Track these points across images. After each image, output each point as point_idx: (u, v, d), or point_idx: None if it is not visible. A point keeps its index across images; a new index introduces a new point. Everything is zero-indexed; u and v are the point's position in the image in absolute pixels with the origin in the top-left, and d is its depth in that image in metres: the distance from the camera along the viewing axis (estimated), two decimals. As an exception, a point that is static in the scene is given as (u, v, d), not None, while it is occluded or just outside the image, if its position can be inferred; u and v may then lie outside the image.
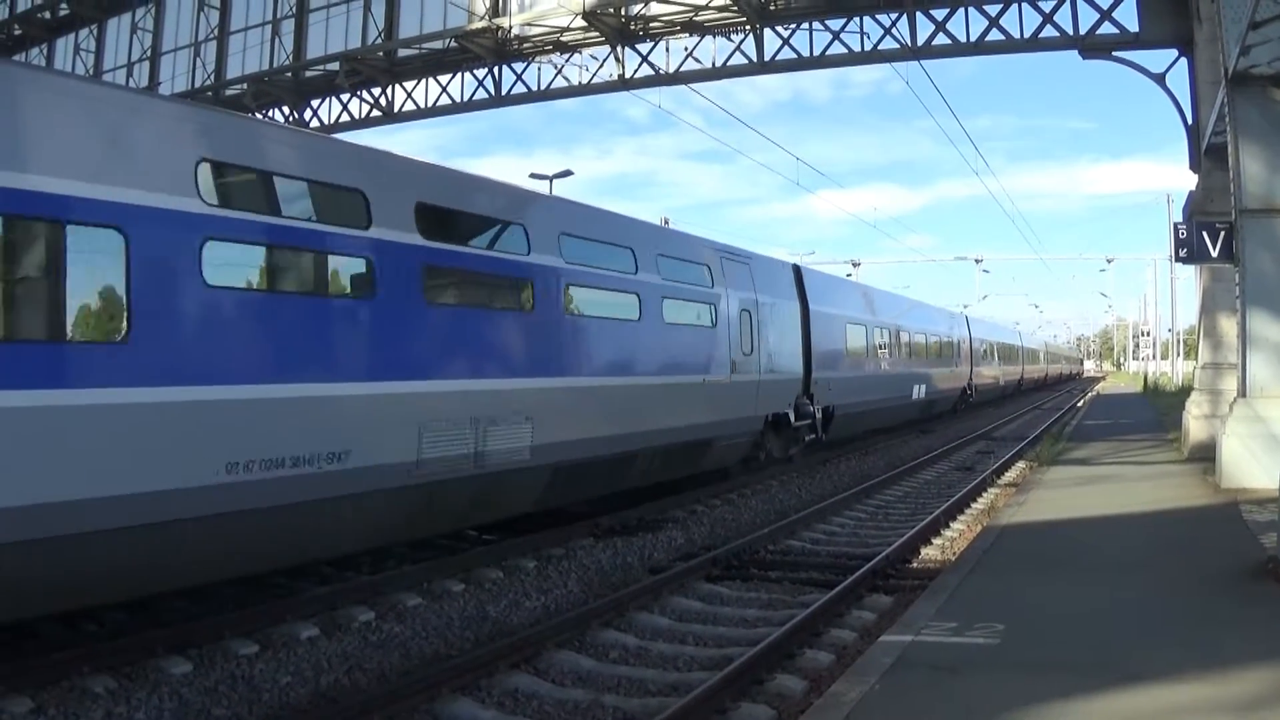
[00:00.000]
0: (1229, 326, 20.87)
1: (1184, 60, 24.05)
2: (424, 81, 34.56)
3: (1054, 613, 9.52)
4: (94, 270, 9.00)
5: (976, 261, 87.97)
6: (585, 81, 31.80)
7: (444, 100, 34.41)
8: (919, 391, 37.73)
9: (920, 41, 27.64)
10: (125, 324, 9.02)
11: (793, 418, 24.02)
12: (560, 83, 32.36)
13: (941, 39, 27.58)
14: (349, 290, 11.84)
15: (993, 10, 26.88)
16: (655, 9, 29.26)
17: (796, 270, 26.36)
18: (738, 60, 29.83)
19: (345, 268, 11.84)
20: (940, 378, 41.61)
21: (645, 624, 11.44)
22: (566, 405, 15.25)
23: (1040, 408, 60.03)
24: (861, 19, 28.26)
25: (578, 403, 15.62)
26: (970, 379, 48.86)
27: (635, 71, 30.94)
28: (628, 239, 17.81)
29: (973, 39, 27.33)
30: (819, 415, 25.66)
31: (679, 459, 19.15)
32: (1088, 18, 25.85)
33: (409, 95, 34.97)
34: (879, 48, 28.13)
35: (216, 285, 9.97)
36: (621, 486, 17.77)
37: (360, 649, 10.30)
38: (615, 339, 16.99)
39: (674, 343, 18.70)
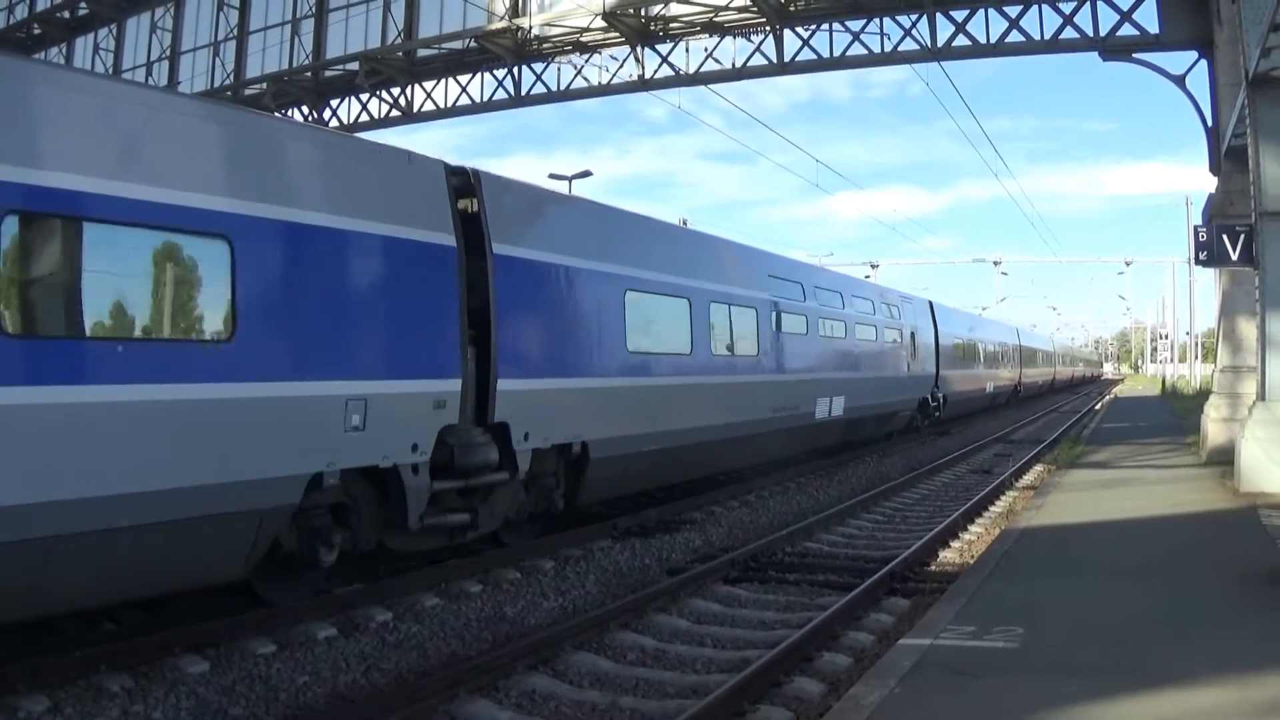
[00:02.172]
0: (1248, 330, 20.79)
1: (1204, 62, 23.92)
2: (443, 81, 34.61)
3: (1073, 616, 9.48)
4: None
5: (995, 263, 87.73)
6: (605, 82, 31.81)
7: (464, 100, 34.45)
8: (991, 387, 50.67)
9: (940, 43, 27.58)
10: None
11: (930, 401, 36.58)
12: (580, 83, 32.38)
13: (961, 40, 27.51)
14: (795, 331, 23.85)
15: (1013, 11, 26.78)
16: (675, 9, 29.26)
17: (930, 304, 38.84)
18: (757, 61, 29.82)
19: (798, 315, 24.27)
20: (1003, 377, 54.74)
21: (663, 625, 11.44)
22: (856, 388, 27.49)
23: (1059, 410, 59.91)
24: (881, 20, 28.21)
25: (859, 387, 27.94)
26: (1019, 379, 61.02)
27: (655, 72, 30.93)
28: (874, 295, 31.87)
29: (993, 40, 27.23)
30: (943, 400, 38.13)
31: (885, 420, 32.22)
32: (1108, 19, 25.77)
33: (428, 95, 35.03)
34: (899, 49, 28.08)
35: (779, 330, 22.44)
36: (874, 433, 31.71)
37: (378, 649, 10.31)
38: (870, 351, 29.91)
39: (889, 354, 32.08)
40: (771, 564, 14.58)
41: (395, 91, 35.49)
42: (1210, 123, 23.59)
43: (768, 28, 29.29)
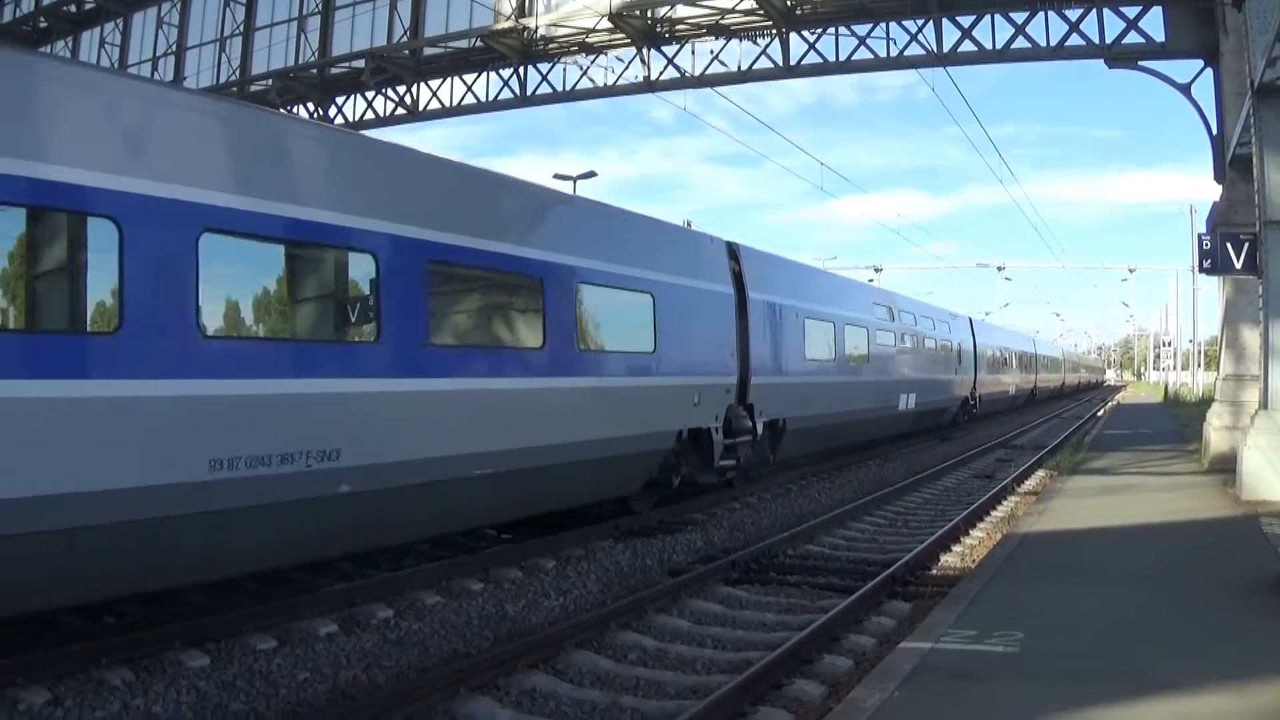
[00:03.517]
0: (1251, 338, 20.80)
1: (1210, 71, 23.93)
2: (449, 80, 34.56)
3: (1074, 622, 9.51)
4: None
5: (999, 269, 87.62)
6: (611, 83, 31.77)
7: (469, 99, 34.39)
8: (1013, 390, 57.36)
9: (946, 48, 27.56)
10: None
11: (969, 400, 43.66)
12: (586, 84, 32.33)
13: (967, 46, 27.50)
14: (887, 344, 30.69)
15: (1019, 18, 26.77)
16: (682, 11, 29.26)
17: (970, 320, 46.35)
18: (763, 64, 29.79)
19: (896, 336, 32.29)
20: (1023, 381, 61.69)
21: (664, 626, 11.47)
22: (922, 388, 34.36)
23: (1060, 416, 59.89)
24: (888, 25, 28.20)
25: (924, 387, 34.74)
26: (1035, 383, 68.18)
27: (661, 74, 30.92)
28: (933, 314, 39.39)
29: (999, 46, 27.22)
30: (978, 400, 45.39)
31: (939, 414, 39.18)
32: (1114, 27, 25.71)
33: (434, 94, 34.98)
34: (905, 53, 28.08)
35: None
36: (931, 424, 38.58)
37: (379, 646, 10.33)
38: (931, 360, 37.26)
39: (943, 361, 39.29)
40: (773, 566, 14.62)
41: (401, 90, 35.45)
42: (1215, 131, 23.58)
43: (774, 31, 29.26)
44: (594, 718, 8.58)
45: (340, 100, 36.55)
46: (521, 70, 32.90)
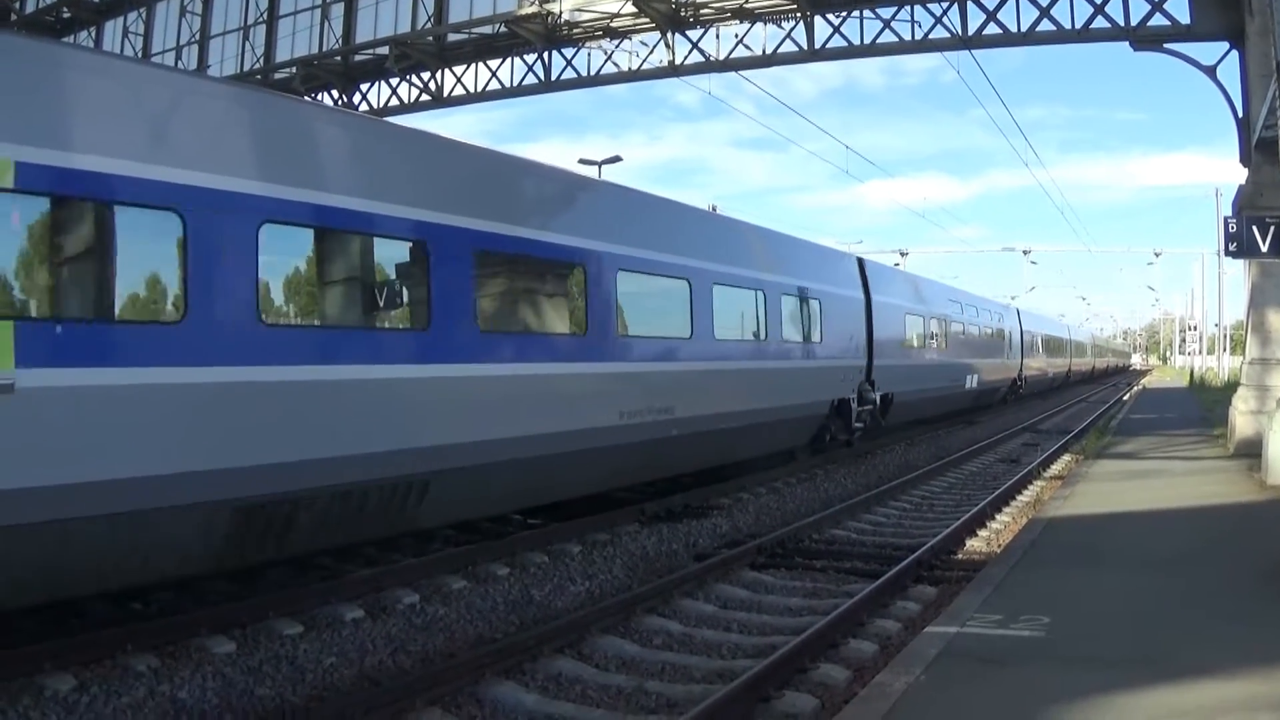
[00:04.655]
0: (1277, 322, 20.69)
1: (1235, 53, 23.70)
2: (473, 66, 34.62)
3: (1100, 607, 9.49)
4: None
5: (1025, 253, 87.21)
6: (635, 67, 31.81)
7: (493, 85, 34.48)
8: (1051, 373, 63.60)
9: (971, 31, 27.49)
10: None
11: (1017, 381, 50.02)
12: (610, 68, 32.39)
13: (992, 28, 27.40)
14: (957, 332, 37.06)
15: (1044, 1, 26.68)
16: (705, -5, 29.22)
17: (1018, 311, 51.76)
18: (788, 48, 29.76)
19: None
20: (1059, 365, 68.41)
21: (690, 610, 11.48)
22: (982, 370, 39.90)
23: (1086, 400, 59.69)
24: (912, 7, 28.13)
25: (983, 369, 40.11)
26: (1070, 367, 75.04)
27: (685, 58, 30.91)
28: (990, 306, 45.75)
29: (1023, 29, 27.10)
30: (1024, 382, 51.69)
31: (993, 393, 44.76)
32: (1139, 9, 25.57)
33: (458, 80, 35.05)
34: (930, 36, 28.00)
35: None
36: (987, 402, 44.21)
37: (405, 631, 10.37)
38: (988, 345, 42.51)
39: (996, 347, 44.42)
40: (798, 551, 14.61)
41: (425, 76, 35.55)
42: (1241, 114, 23.38)
43: (798, 14, 29.21)
44: (620, 702, 8.58)
45: (365, 87, 36.62)
46: (546, 55, 32.95)
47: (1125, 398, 59.57)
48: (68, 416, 8.34)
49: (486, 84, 34.62)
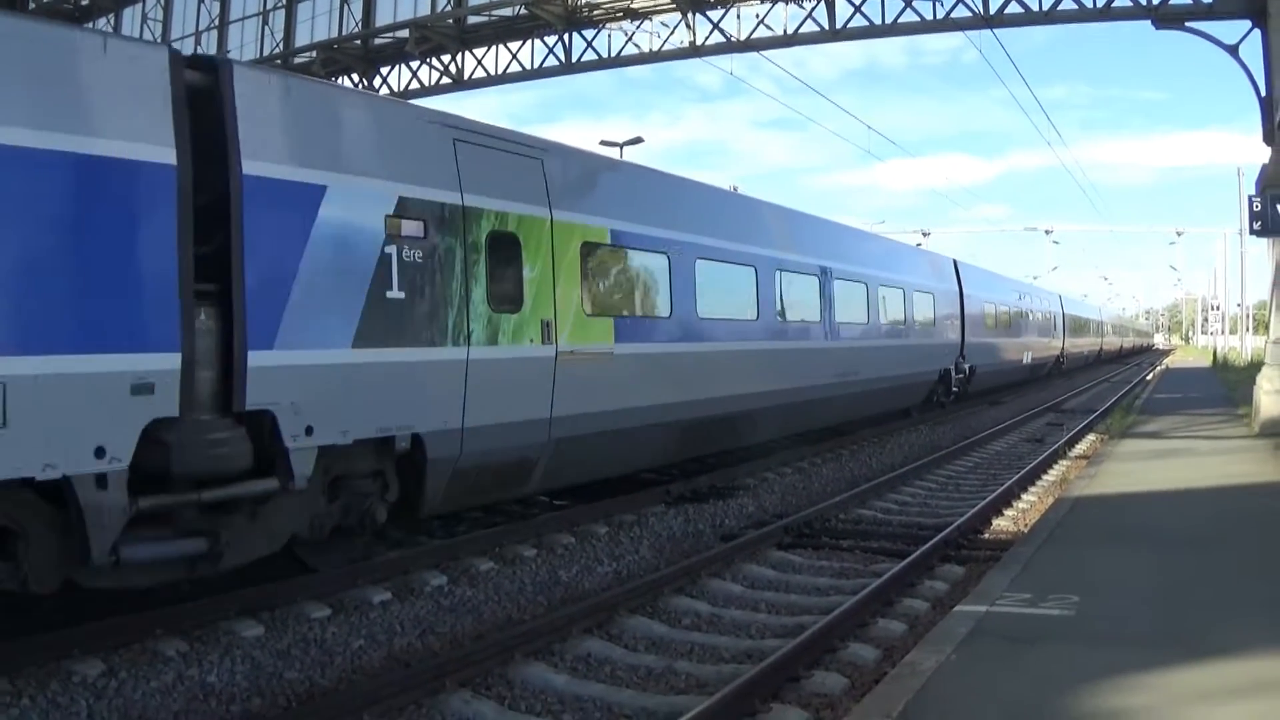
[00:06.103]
0: (1300, 301, 20.58)
1: (1258, 31, 23.56)
2: (494, 48, 34.58)
3: (1128, 585, 9.45)
4: None
5: (1047, 232, 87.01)
6: (656, 48, 31.74)
7: (514, 67, 34.46)
8: (1086, 350, 70.23)
9: (993, 9, 27.38)
10: None
11: (1059, 358, 55.88)
12: (631, 50, 32.34)
13: (1014, 7, 27.35)
14: (1019, 317, 44.62)
15: (1066, -22, 26.54)
16: (726, -25, 29.14)
17: (1060, 295, 59.22)
18: (809, 27, 29.70)
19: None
20: (1093, 344, 75.63)
21: (718, 591, 11.48)
22: (1034, 348, 46.95)
23: (1110, 380, 59.54)
24: (934, -14, 27.98)
25: (1035, 347, 47.00)
26: (1101, 345, 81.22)
27: (706, 39, 30.86)
28: (1042, 293, 54.91)
29: (1045, 8, 27.05)
30: (1065, 359, 57.80)
31: (1040, 369, 50.61)
32: (1161, -13, 25.43)
33: (479, 62, 35.03)
34: (951, 15, 27.93)
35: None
36: (1035, 376, 49.83)
37: (433, 613, 10.39)
38: (1039, 326, 49.17)
39: (1044, 327, 50.13)
40: (825, 530, 14.60)
41: (446, 59, 35.51)
42: (1264, 93, 23.25)
43: (819, -7, 29.09)
44: (649, 682, 8.59)
45: (385, 70, 36.61)
46: (566, 37, 32.92)
47: (1149, 378, 59.39)
48: (627, 372, 14.53)
49: (507, 66, 34.61)
